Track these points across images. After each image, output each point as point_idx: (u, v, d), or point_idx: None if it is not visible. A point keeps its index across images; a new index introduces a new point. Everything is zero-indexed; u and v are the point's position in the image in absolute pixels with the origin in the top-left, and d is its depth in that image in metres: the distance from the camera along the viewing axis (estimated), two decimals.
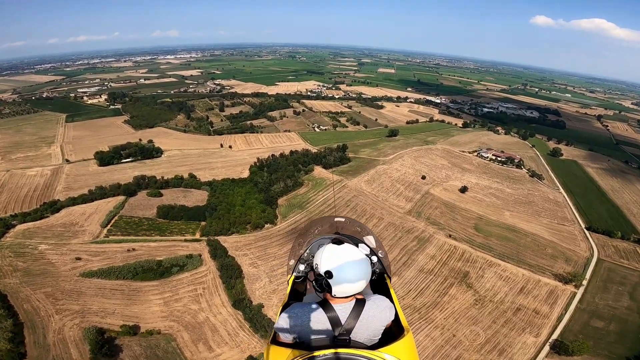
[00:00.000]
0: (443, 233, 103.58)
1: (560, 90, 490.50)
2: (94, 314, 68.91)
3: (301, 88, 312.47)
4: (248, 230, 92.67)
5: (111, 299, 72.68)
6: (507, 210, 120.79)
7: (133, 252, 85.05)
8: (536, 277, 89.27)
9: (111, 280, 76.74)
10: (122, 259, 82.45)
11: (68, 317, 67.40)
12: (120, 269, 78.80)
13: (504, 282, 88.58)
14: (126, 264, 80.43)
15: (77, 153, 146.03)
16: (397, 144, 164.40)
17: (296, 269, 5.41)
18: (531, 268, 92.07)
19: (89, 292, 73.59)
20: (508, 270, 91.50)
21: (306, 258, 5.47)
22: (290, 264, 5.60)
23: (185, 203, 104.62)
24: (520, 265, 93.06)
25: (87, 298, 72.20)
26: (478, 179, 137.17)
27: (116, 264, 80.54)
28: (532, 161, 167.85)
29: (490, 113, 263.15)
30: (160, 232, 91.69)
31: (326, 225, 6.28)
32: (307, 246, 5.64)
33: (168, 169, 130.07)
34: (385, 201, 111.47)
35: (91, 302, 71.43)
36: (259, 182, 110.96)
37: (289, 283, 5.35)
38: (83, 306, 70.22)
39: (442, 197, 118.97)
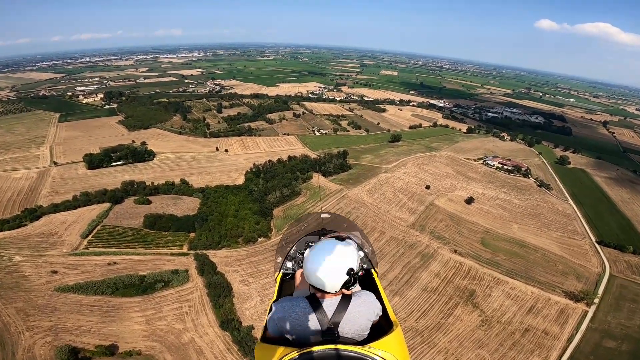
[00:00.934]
0: (448, 248, 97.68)
1: (564, 94, 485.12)
2: (68, 331, 63.61)
3: (302, 89, 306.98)
4: (240, 244, 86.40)
5: (87, 316, 67.21)
6: (515, 223, 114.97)
7: (114, 265, 79.11)
8: (546, 295, 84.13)
9: (88, 295, 71.13)
10: (102, 273, 76.54)
11: (39, 335, 62.21)
12: (99, 284, 73.02)
13: (512, 301, 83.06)
14: (106, 279, 74.51)
15: (67, 155, 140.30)
16: (399, 150, 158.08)
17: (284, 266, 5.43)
18: (541, 285, 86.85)
19: (64, 308, 68.13)
20: (517, 288, 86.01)
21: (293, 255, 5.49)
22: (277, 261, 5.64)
23: (175, 211, 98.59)
24: (530, 282, 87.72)
25: (62, 314, 66.83)
26: (484, 189, 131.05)
27: (95, 279, 74.69)
28: (539, 170, 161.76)
29: (495, 118, 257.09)
30: (145, 244, 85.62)
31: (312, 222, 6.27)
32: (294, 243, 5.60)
33: (160, 173, 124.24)
34: (387, 213, 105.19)
35: (65, 318, 66.08)
36: (254, 190, 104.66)
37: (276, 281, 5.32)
38: (56, 323, 64.89)
39: (447, 209, 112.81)
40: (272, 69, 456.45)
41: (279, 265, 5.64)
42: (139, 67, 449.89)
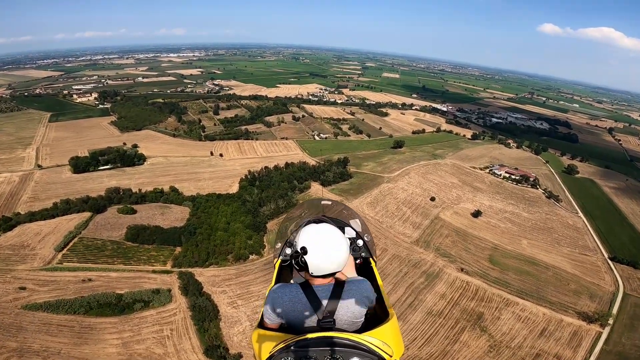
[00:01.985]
0: (454, 266, 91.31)
1: (567, 100, 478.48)
2: (35, 353, 58.17)
3: (302, 91, 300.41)
4: (229, 261, 79.43)
5: (57, 337, 61.46)
6: (524, 238, 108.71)
7: (89, 282, 72.60)
8: (558, 316, 78.80)
9: (59, 314, 65.15)
10: (75, 291, 70.18)
11: (3, 356, 57.27)
12: (72, 302, 66.92)
13: (522, 323, 77.32)
14: (79, 297, 68.37)
15: (53, 157, 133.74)
16: (402, 158, 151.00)
17: (283, 252, 5.33)
18: (552, 306, 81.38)
19: (31, 328, 62.29)
20: (527, 310, 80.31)
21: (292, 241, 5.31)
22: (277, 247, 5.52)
23: (162, 222, 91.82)
24: (541, 303, 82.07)
25: (28, 334, 61.02)
26: (491, 201, 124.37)
27: (67, 296, 68.47)
28: (547, 179, 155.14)
29: (500, 124, 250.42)
30: (126, 259, 78.80)
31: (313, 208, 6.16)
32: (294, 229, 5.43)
33: (149, 179, 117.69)
34: (390, 228, 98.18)
35: (33, 339, 60.35)
36: (247, 200, 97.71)
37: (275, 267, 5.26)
38: (22, 344, 59.27)
39: (453, 223, 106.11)
40: (273, 70, 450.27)
41: (278, 251, 5.38)
42: (139, 66, 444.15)
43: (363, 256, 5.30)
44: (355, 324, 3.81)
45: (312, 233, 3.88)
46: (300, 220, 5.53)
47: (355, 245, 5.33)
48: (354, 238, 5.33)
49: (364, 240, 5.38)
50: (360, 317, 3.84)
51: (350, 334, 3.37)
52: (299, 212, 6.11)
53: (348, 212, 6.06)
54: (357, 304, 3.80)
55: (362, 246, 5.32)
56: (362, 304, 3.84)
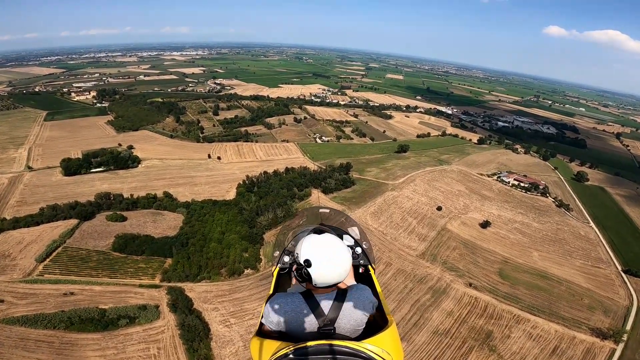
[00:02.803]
0: (462, 281, 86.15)
1: (573, 103, 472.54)
2: None
3: (305, 91, 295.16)
4: (222, 276, 74.13)
5: (35, 353, 57.46)
6: (535, 250, 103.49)
7: (71, 296, 67.83)
8: (571, 333, 74.94)
9: (38, 329, 60.90)
10: (56, 305, 65.56)
11: None
12: (52, 317, 62.56)
13: (534, 342, 72.85)
14: (59, 311, 63.78)
15: (45, 158, 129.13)
16: (407, 163, 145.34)
17: (281, 260, 5.35)
18: (565, 322, 77.20)
19: (8, 343, 58.30)
20: (539, 327, 75.81)
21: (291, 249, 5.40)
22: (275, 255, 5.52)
23: (153, 231, 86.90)
24: (553, 319, 77.76)
25: (5, 350, 57.20)
26: (500, 210, 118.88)
27: (47, 311, 64.01)
28: (556, 187, 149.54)
29: (506, 128, 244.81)
30: (112, 271, 73.81)
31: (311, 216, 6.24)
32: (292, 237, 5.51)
33: (143, 183, 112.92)
34: (394, 240, 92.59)
35: (9, 355, 56.66)
36: (244, 208, 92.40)
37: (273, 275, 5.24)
38: None
39: (460, 235, 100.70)
40: (276, 70, 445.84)
41: (277, 259, 5.37)
42: (142, 64, 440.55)
43: (362, 263, 5.25)
44: (357, 332, 3.73)
45: (314, 244, 3.82)
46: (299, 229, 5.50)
47: (354, 253, 5.25)
48: (353, 246, 5.30)
49: (363, 248, 5.37)
50: (361, 324, 3.78)
51: (350, 341, 3.30)
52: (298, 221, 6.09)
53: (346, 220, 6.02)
54: (359, 311, 3.75)
55: (361, 254, 5.30)
56: (363, 312, 3.79)
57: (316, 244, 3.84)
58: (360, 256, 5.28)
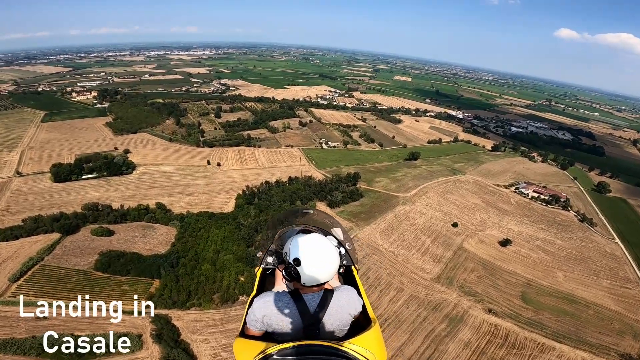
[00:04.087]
0: (481, 307, 78.26)
1: (586, 107, 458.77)
2: None
3: (311, 93, 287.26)
4: (215, 303, 66.32)
5: None
6: (559, 270, 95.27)
7: (44, 321, 60.40)
8: None
9: (7, 355, 55.33)
10: (27, 330, 58.92)
11: None
12: (22, 343, 56.39)
13: None
14: (31, 337, 57.37)
15: (37, 162, 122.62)
16: (419, 173, 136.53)
17: (264, 260, 5.34)
18: (593, 349, 71.08)
19: None
20: (565, 356, 69.44)
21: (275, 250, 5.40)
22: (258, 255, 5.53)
23: (142, 247, 79.54)
24: (580, 346, 71.48)
25: None
26: (520, 226, 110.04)
27: (18, 336, 57.75)
28: (577, 199, 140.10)
29: (520, 134, 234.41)
30: (92, 294, 66.12)
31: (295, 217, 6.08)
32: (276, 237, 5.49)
33: (136, 191, 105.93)
34: (406, 262, 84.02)
35: None
36: (242, 224, 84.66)
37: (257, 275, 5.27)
38: None
39: (478, 254, 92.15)
40: (282, 70, 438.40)
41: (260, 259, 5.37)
42: (148, 63, 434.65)
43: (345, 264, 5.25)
44: (342, 332, 3.80)
45: (304, 244, 3.85)
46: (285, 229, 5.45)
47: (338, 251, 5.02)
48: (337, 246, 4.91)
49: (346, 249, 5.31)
50: (346, 325, 3.85)
51: (334, 342, 3.32)
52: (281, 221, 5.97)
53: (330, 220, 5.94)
54: (345, 312, 3.83)
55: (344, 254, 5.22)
56: (349, 312, 3.87)
57: (305, 243, 3.83)
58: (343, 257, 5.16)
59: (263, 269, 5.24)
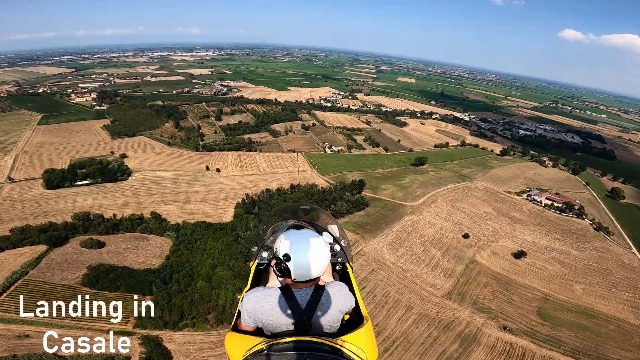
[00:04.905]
0: (495, 324, 73.39)
1: (593, 109, 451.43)
2: None
3: (314, 95, 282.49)
4: (210, 324, 61.27)
5: None
6: (576, 283, 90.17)
7: (25, 339, 56.57)
8: None
9: None
10: (8, 348, 55.28)
11: None
12: None
13: None
14: (11, 356, 53.90)
15: (31, 167, 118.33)
16: (426, 179, 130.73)
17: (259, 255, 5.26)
18: None
19: None
20: None
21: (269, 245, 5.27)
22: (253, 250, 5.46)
23: (134, 260, 74.77)
24: None
25: None
26: (534, 235, 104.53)
27: None
28: (591, 206, 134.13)
29: (529, 137, 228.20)
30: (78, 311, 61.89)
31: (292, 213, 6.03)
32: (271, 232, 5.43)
33: (131, 199, 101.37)
34: (416, 278, 78.46)
35: None
36: (241, 237, 79.69)
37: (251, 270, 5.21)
38: None
39: (491, 268, 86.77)
40: (285, 72, 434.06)
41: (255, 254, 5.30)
42: (151, 64, 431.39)
43: (340, 261, 5.24)
44: (333, 328, 3.79)
45: (294, 239, 3.88)
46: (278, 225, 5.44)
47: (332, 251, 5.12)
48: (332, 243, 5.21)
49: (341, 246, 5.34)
50: (337, 321, 3.84)
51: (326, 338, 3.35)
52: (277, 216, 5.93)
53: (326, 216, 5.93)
54: (336, 308, 3.81)
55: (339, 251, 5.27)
56: (340, 309, 3.85)
57: (295, 239, 3.87)
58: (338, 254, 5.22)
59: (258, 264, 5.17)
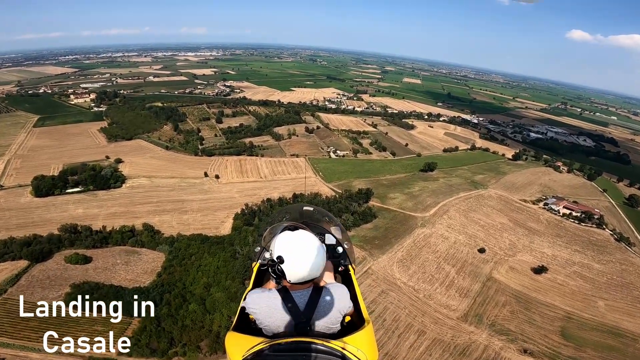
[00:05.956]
0: (515, 347, 67.36)
1: (603, 111, 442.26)
2: None
3: (319, 96, 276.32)
4: (202, 352, 54.89)
5: None
6: (600, 299, 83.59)
7: None
8: None
9: None
10: None
11: None
12: None
13: None
14: None
15: (22, 173, 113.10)
16: (437, 187, 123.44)
17: (261, 256, 5.32)
18: None
19: None
20: None
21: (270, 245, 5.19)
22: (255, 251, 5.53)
23: (123, 277, 68.89)
24: None
25: None
26: (553, 248, 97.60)
27: None
28: (610, 215, 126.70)
29: (540, 140, 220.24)
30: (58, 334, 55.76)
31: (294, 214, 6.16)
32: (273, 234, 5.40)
33: (124, 208, 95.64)
34: (429, 299, 71.78)
35: None
36: (239, 252, 73.44)
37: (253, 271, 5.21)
38: None
39: (510, 285, 79.99)
40: (289, 72, 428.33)
41: (257, 255, 5.38)
42: (154, 64, 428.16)
43: (342, 263, 5.23)
44: (332, 330, 3.76)
45: (286, 241, 3.88)
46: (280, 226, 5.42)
47: (335, 252, 5.26)
48: (334, 245, 5.29)
49: (344, 248, 5.34)
50: (336, 323, 3.80)
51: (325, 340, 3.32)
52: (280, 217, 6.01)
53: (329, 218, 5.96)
54: (334, 309, 3.78)
55: (342, 253, 5.28)
56: (338, 310, 3.81)
57: (288, 241, 3.86)
58: (341, 256, 5.22)
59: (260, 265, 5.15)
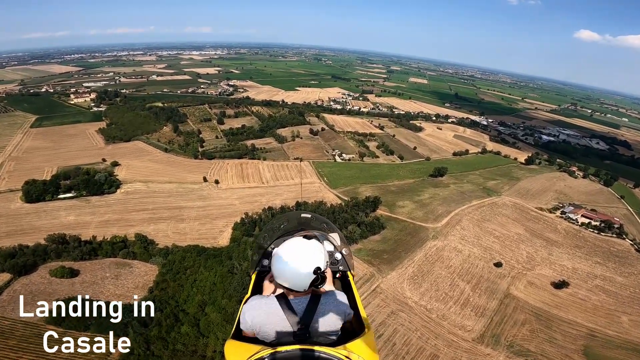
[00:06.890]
0: None
1: (614, 112, 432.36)
2: None
3: (323, 95, 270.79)
4: None
5: None
6: (624, 314, 77.37)
7: None
8: None
9: None
10: None
11: None
12: None
13: None
14: None
15: (15, 176, 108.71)
16: (448, 194, 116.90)
17: (260, 263, 5.33)
18: None
19: None
20: None
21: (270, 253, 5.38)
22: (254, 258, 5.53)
23: (113, 292, 63.90)
24: None
25: None
26: (573, 260, 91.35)
27: None
28: (629, 223, 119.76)
29: (553, 143, 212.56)
30: (37, 356, 51.07)
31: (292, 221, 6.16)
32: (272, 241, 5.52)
33: (118, 215, 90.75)
34: (442, 320, 65.76)
35: None
36: (237, 267, 68.02)
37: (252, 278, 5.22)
38: None
39: (529, 302, 73.89)
40: (293, 71, 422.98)
41: (256, 262, 5.41)
42: (159, 63, 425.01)
43: (341, 270, 5.23)
44: (331, 337, 3.74)
45: (285, 248, 3.87)
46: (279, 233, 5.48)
47: (333, 259, 5.27)
48: (332, 252, 5.31)
49: (342, 254, 5.35)
50: (335, 330, 3.78)
51: (324, 347, 3.30)
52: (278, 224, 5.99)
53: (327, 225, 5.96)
54: (333, 317, 3.76)
55: (340, 260, 5.29)
56: (338, 317, 3.79)
57: (287, 248, 3.85)
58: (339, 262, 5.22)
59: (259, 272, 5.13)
